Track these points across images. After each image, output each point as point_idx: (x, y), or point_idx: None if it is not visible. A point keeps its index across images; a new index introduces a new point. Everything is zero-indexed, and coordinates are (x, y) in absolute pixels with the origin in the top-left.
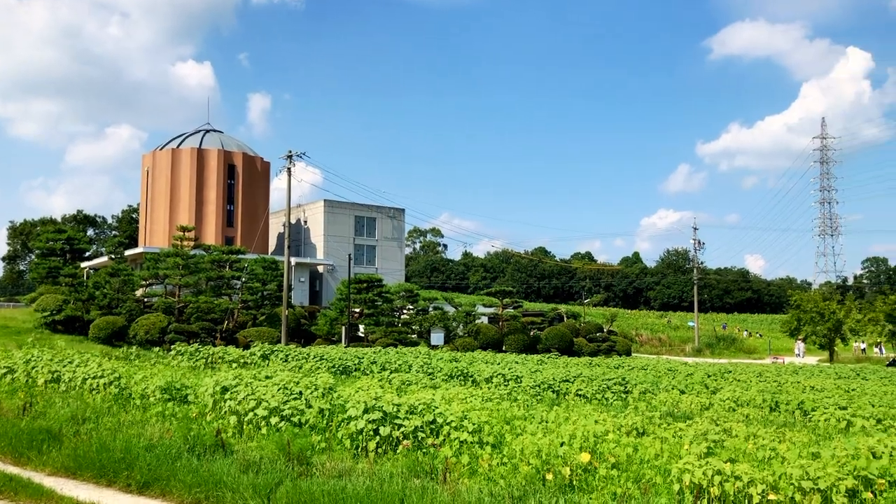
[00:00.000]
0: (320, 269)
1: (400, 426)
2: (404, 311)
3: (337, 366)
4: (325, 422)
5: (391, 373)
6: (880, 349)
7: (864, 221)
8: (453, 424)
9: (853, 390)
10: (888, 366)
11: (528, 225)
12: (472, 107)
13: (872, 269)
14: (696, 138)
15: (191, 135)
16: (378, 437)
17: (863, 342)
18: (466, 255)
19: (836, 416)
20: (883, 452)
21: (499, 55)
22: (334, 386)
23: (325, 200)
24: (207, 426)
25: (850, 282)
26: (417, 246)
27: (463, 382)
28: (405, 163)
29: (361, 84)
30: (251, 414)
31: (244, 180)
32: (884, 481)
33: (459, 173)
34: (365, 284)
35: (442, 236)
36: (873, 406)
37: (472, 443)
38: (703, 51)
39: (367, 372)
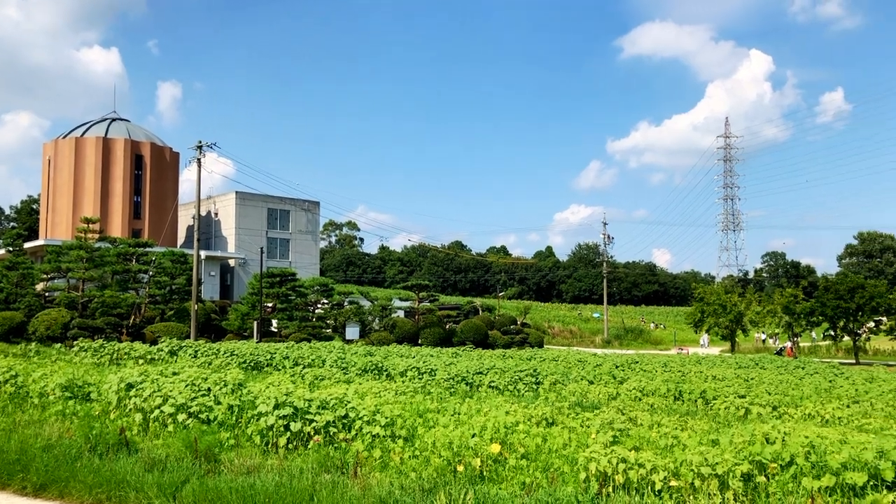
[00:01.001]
0: (231, 262)
1: (311, 421)
2: (319, 306)
3: (248, 361)
4: (234, 418)
5: (304, 368)
6: (775, 339)
7: (764, 217)
8: (365, 419)
9: (752, 379)
10: (776, 354)
11: (444, 219)
12: (387, 98)
13: (771, 263)
14: (607, 135)
15: (96, 123)
16: (289, 433)
17: (762, 333)
18: (383, 248)
19: (736, 404)
20: (776, 438)
21: (415, 46)
22: (244, 382)
23: (236, 192)
24: (111, 424)
25: (751, 275)
26: (333, 239)
27: (377, 377)
28: (320, 155)
29: (275, 73)
30: (157, 411)
31: (152, 171)
32: (776, 465)
33: (376, 166)
34: (278, 278)
35: (358, 230)
36: (769, 394)
37: (384, 437)
38: (614, 50)
39: (280, 367)
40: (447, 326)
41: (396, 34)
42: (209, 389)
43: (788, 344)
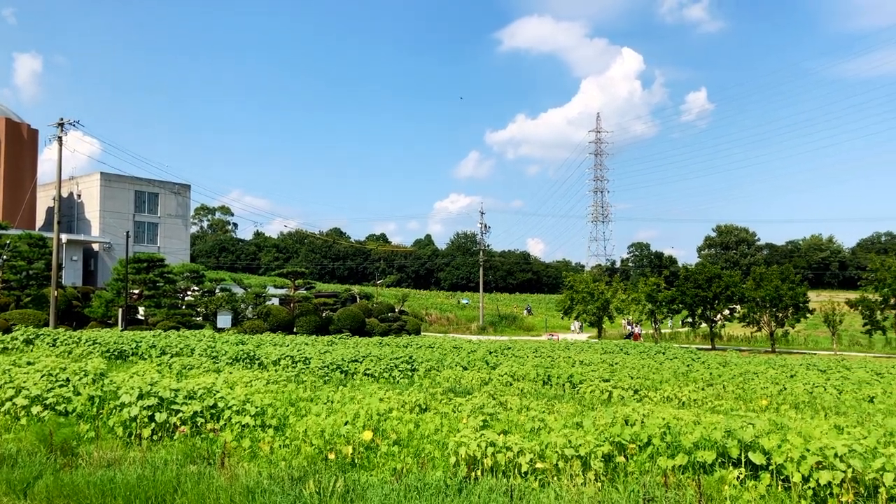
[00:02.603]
0: (96, 247)
1: (178, 412)
2: (189, 293)
3: (112, 350)
4: (95, 410)
5: (172, 357)
6: (632, 326)
7: (631, 210)
8: (235, 408)
9: (616, 364)
10: (625, 338)
11: (323, 205)
12: (263, 81)
13: (637, 253)
14: (486, 127)
15: None
16: (154, 424)
17: (627, 319)
18: (258, 234)
19: (600, 387)
20: (636, 420)
21: (296, 32)
22: (107, 372)
23: (101, 173)
24: None
25: (618, 265)
26: (205, 224)
27: (249, 366)
28: (192, 137)
29: (146, 51)
30: (9, 404)
31: (8, 148)
32: (635, 446)
33: (252, 150)
34: (145, 264)
35: (232, 215)
36: (632, 378)
37: (254, 426)
38: (493, 42)
39: (146, 357)
40: (324, 314)
41: (278, 15)
42: (68, 380)
43: (637, 330)
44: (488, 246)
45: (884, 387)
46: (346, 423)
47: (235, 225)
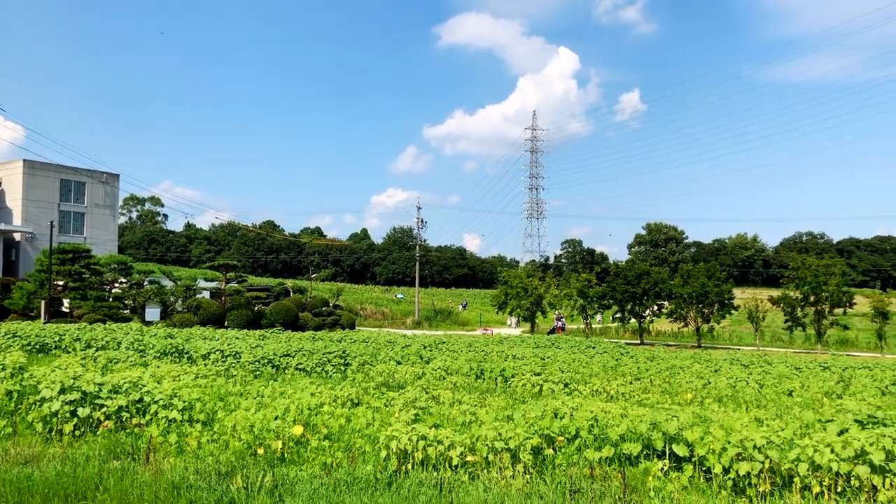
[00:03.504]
0: (17, 236)
1: (102, 406)
2: (116, 285)
3: (33, 343)
4: (13, 405)
5: (97, 350)
6: (560, 320)
7: (564, 207)
8: (162, 403)
9: (547, 358)
10: (549, 333)
11: (257, 197)
12: (196, 70)
13: (570, 249)
14: (424, 121)
15: None
16: (76, 419)
17: (558, 314)
18: (189, 226)
19: (532, 381)
20: (565, 413)
21: (234, 18)
22: (27, 365)
23: (24, 160)
24: None
25: (551, 261)
26: (134, 215)
27: (178, 360)
28: (122, 126)
29: (70, 34)
30: None
31: None
32: (563, 438)
33: (184, 140)
34: (70, 255)
35: (162, 206)
36: (562, 372)
37: (181, 421)
38: (432, 37)
39: (69, 350)
40: (256, 308)
41: (214, 8)
42: None
43: (560, 324)
44: (425, 241)
45: (802, 381)
46: (276, 418)
47: (166, 216)
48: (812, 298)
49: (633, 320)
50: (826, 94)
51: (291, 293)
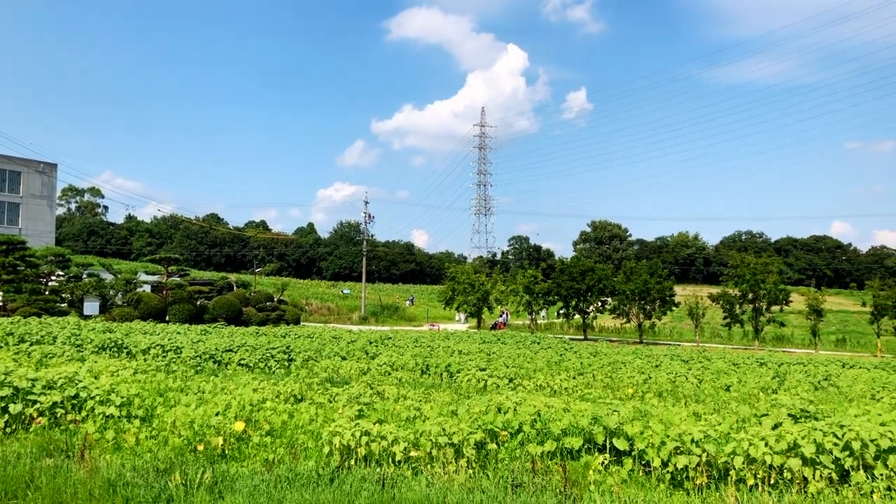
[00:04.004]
0: None
1: (35, 402)
2: (53, 278)
3: None
4: None
5: (31, 345)
6: (504, 315)
7: (512, 203)
8: (98, 399)
9: (493, 353)
10: (491, 328)
11: (200, 190)
12: (138, 58)
13: (517, 245)
14: (372, 115)
15: None
16: (7, 416)
17: (506, 310)
18: (130, 218)
19: (477, 376)
20: (509, 408)
21: (184, 18)
22: None
23: None
24: None
25: (499, 257)
26: (73, 206)
27: (116, 354)
28: (60, 114)
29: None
30: None
31: None
32: (506, 433)
33: (125, 130)
34: (4, 246)
35: (102, 197)
36: (507, 367)
37: (119, 417)
38: (382, 31)
39: (2, 345)
40: (199, 303)
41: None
42: None
43: (501, 319)
44: (372, 236)
45: (739, 376)
46: (217, 414)
47: (106, 208)
48: (750, 296)
49: (577, 316)
50: (766, 97)
51: (235, 288)
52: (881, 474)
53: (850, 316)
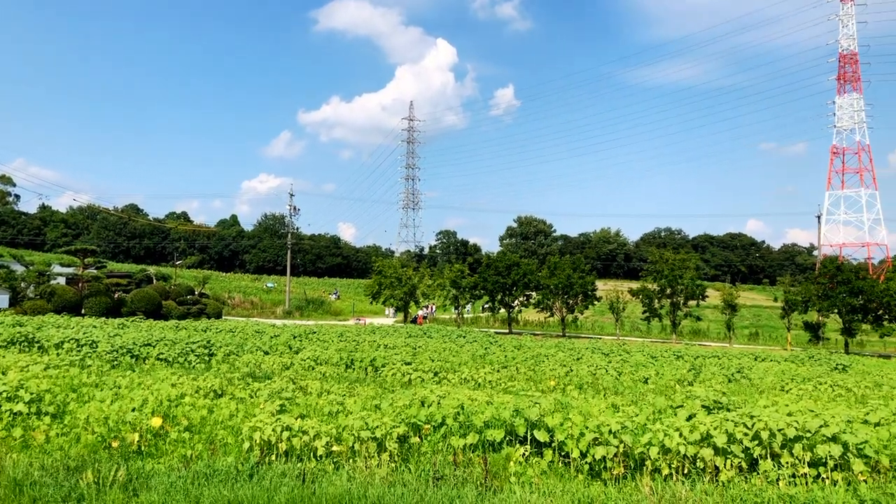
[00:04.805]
0: None
1: None
2: None
3: None
4: None
5: None
6: (430, 310)
7: (440, 198)
8: (5, 395)
9: (419, 347)
10: (412, 322)
11: (119, 180)
12: (56, 43)
13: (444, 240)
14: (298, 106)
15: None
16: None
17: (433, 304)
18: (44, 208)
19: (402, 371)
20: (433, 401)
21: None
22: None
23: None
24: None
25: (426, 251)
26: None
27: (27, 349)
28: None
29: None
30: None
31: None
32: (430, 426)
33: (39, 118)
34: None
35: (14, 185)
36: (432, 361)
37: (28, 414)
38: (309, 21)
39: None
40: (116, 296)
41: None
42: None
43: (421, 313)
44: (298, 229)
45: (657, 369)
46: (133, 410)
47: (18, 196)
48: (668, 291)
49: (502, 310)
50: (686, 97)
51: (154, 280)
52: (787, 462)
53: (762, 311)
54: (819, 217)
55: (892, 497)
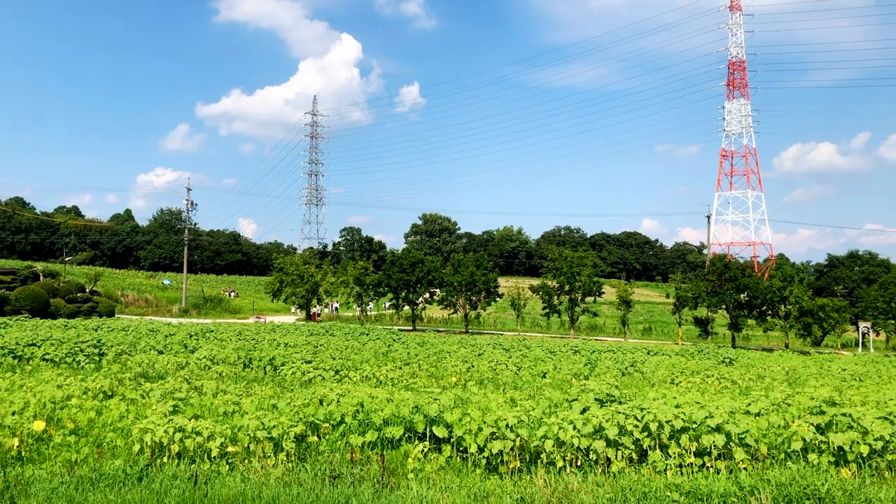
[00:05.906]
0: None
1: None
2: None
3: None
4: None
5: None
6: (330, 307)
7: (344, 194)
8: None
9: (320, 345)
10: (307, 319)
11: (4, 172)
12: None
13: (348, 237)
14: (197, 99)
15: None
16: None
17: (335, 302)
18: None
19: (302, 369)
20: (332, 399)
21: None
22: None
23: None
24: None
25: (330, 248)
26: None
27: None
28: None
29: None
30: None
31: None
32: (328, 425)
33: None
34: None
35: None
36: (334, 359)
37: None
38: (210, 11)
39: None
40: None
41: None
42: None
43: (316, 310)
44: (195, 224)
45: (555, 363)
46: (13, 414)
47: None
48: (567, 287)
49: (406, 307)
50: (586, 99)
51: (41, 277)
52: (674, 452)
53: (655, 307)
54: (709, 217)
55: (769, 483)
